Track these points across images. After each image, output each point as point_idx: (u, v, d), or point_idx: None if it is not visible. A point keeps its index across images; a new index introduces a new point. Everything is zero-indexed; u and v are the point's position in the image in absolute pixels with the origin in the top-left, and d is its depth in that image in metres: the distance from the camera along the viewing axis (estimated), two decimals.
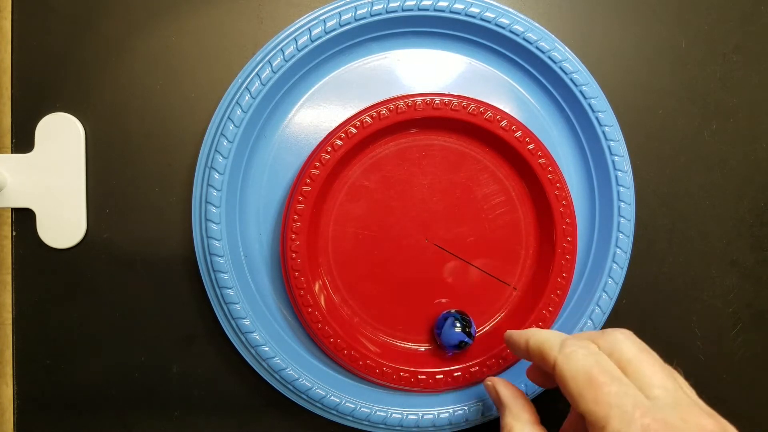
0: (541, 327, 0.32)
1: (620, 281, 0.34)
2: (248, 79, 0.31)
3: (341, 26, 0.31)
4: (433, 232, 0.32)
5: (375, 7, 0.31)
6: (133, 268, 0.34)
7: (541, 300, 0.32)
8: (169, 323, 0.34)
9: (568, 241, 0.32)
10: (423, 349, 0.33)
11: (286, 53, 0.31)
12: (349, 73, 0.33)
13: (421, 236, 0.32)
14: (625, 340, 0.23)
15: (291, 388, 0.32)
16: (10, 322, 0.34)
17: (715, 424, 0.20)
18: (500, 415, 0.27)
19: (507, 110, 0.33)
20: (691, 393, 0.23)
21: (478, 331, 0.33)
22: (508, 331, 0.29)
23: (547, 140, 0.33)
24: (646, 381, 0.22)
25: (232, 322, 0.32)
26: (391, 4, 0.31)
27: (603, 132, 0.33)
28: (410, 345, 0.33)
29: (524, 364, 0.33)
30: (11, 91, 0.34)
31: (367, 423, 0.33)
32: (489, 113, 0.31)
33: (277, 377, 0.32)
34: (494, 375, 0.32)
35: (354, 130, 0.30)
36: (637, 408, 0.20)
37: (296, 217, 0.30)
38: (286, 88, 0.32)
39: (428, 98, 0.30)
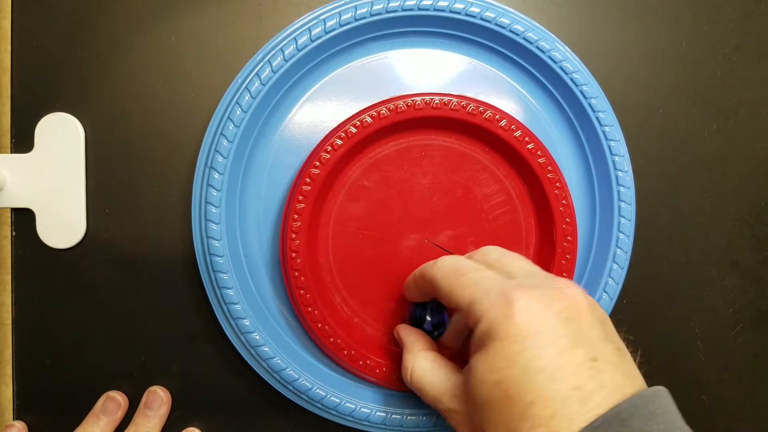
0: None
1: (621, 281, 0.34)
2: (248, 79, 0.31)
3: (341, 26, 0.31)
4: (433, 232, 0.32)
5: (375, 7, 0.31)
6: (133, 268, 0.34)
7: None
8: (168, 323, 0.34)
9: (568, 241, 0.32)
10: None
11: (286, 53, 0.31)
12: (349, 72, 0.33)
13: (421, 236, 0.32)
14: (493, 249, 0.27)
15: (291, 388, 0.32)
16: (9, 322, 0.34)
17: (573, 286, 0.23)
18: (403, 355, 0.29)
19: (507, 110, 0.33)
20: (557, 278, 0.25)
21: None
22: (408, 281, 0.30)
23: (547, 140, 0.33)
24: (508, 269, 0.25)
25: (232, 322, 0.32)
26: (391, 4, 0.31)
27: (603, 132, 0.33)
28: None
29: None
30: (11, 91, 0.34)
31: (367, 423, 0.33)
32: (488, 113, 0.31)
33: (277, 377, 0.32)
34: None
35: (354, 130, 0.30)
36: (495, 283, 0.23)
37: (296, 216, 0.30)
38: (286, 87, 0.32)
39: (428, 98, 0.30)
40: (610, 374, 0.20)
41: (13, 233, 0.34)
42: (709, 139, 0.36)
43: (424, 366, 0.27)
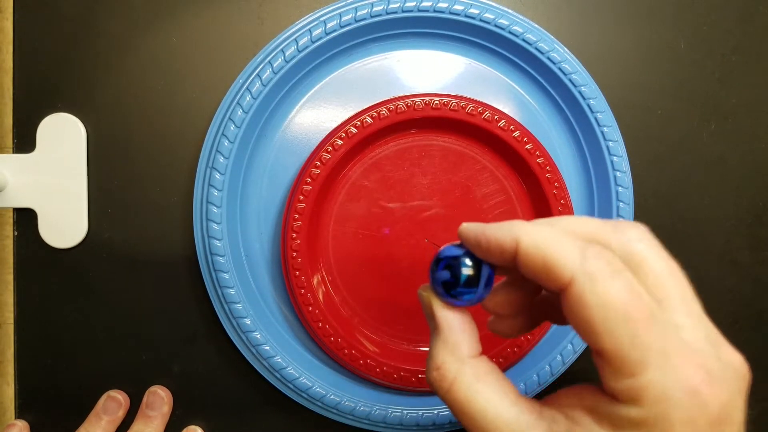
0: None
1: None
2: (249, 80, 0.31)
3: (342, 27, 0.31)
4: (433, 232, 0.33)
5: (375, 9, 0.31)
6: (135, 267, 0.34)
7: None
8: (170, 322, 0.34)
9: None
10: (423, 348, 0.33)
11: (287, 54, 0.31)
12: (349, 73, 0.33)
13: (421, 236, 0.32)
14: (647, 248, 0.18)
15: (291, 386, 0.33)
16: (11, 321, 0.34)
17: (741, 357, 0.18)
18: (431, 338, 0.21)
19: (506, 111, 0.33)
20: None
21: (480, 332, 0.33)
22: (471, 224, 0.20)
23: (545, 140, 0.33)
24: (674, 303, 0.18)
25: (233, 321, 0.32)
26: (391, 6, 0.31)
27: (602, 132, 0.33)
28: (410, 344, 0.33)
29: (529, 363, 0.33)
30: (13, 91, 0.34)
31: (367, 422, 0.33)
32: (487, 113, 0.31)
33: (278, 376, 0.32)
34: (510, 365, 0.32)
35: (354, 130, 0.30)
36: (678, 353, 0.17)
37: (297, 216, 0.30)
38: (287, 88, 0.32)
39: (427, 98, 0.31)
40: None
41: (15, 233, 0.34)
42: (707, 139, 0.36)
43: (477, 387, 0.19)
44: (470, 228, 0.20)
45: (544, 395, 0.34)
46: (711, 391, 0.17)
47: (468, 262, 0.20)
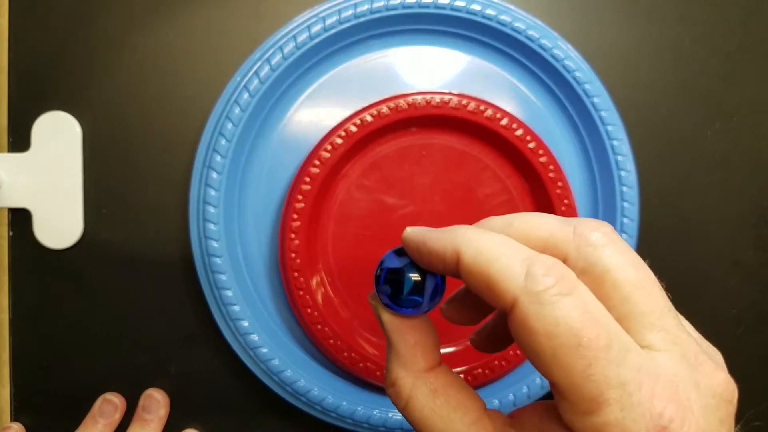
0: None
1: None
2: (246, 78, 0.31)
3: (341, 24, 0.31)
4: None
5: (375, 5, 0.31)
6: (131, 268, 0.34)
7: None
8: (166, 324, 0.34)
9: None
10: None
11: (285, 51, 0.31)
12: (348, 71, 0.33)
13: None
14: (611, 255, 0.16)
15: (290, 390, 0.32)
16: (7, 323, 0.34)
17: (726, 377, 0.16)
18: (387, 350, 0.19)
19: (508, 109, 0.33)
20: (685, 323, 0.18)
21: (462, 341, 0.33)
22: (414, 230, 0.18)
23: (549, 139, 0.33)
24: (643, 320, 0.16)
25: (231, 323, 0.32)
26: (391, 2, 0.31)
27: (606, 131, 0.33)
28: None
29: (521, 374, 0.33)
30: (8, 89, 0.34)
31: (366, 425, 0.33)
32: (489, 111, 0.31)
33: (276, 379, 0.32)
34: (497, 378, 0.32)
35: (354, 129, 0.30)
36: (643, 385, 0.14)
37: (295, 216, 0.30)
38: (285, 86, 0.32)
39: (428, 96, 0.30)
40: None
41: (10, 233, 0.34)
42: (711, 138, 0.36)
43: (434, 404, 0.17)
44: (413, 235, 0.18)
45: (548, 398, 0.34)
46: (684, 427, 0.14)
47: (412, 270, 0.18)
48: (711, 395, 0.15)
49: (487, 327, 0.21)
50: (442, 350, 0.33)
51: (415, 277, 0.18)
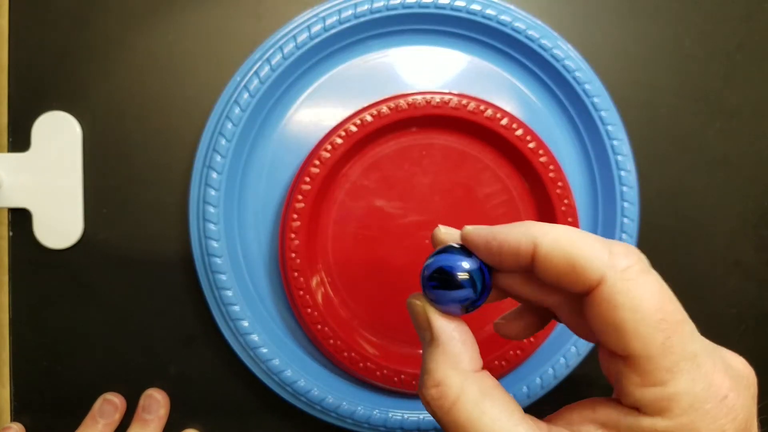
0: None
1: None
2: (246, 78, 0.31)
3: (341, 24, 0.31)
4: None
5: (375, 5, 0.31)
6: (131, 268, 0.34)
7: None
8: (166, 324, 0.34)
9: None
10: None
11: (285, 51, 0.31)
12: (348, 70, 0.33)
13: (422, 237, 0.32)
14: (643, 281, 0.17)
15: (290, 390, 0.32)
16: (7, 323, 0.34)
17: (745, 362, 0.18)
18: (426, 351, 0.19)
19: (508, 108, 0.33)
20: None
21: (481, 332, 0.33)
22: (478, 227, 0.19)
23: (549, 139, 0.33)
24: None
25: (231, 323, 0.32)
26: (391, 2, 0.31)
27: (606, 131, 0.33)
28: (410, 347, 0.33)
29: (532, 366, 0.33)
30: (8, 89, 0.34)
31: (366, 425, 0.33)
32: (489, 111, 0.31)
33: (276, 379, 0.32)
34: (498, 378, 0.32)
35: (354, 129, 0.30)
36: (706, 360, 0.16)
37: (295, 216, 0.30)
38: (285, 86, 0.32)
39: (428, 96, 0.30)
40: None
41: (10, 233, 0.34)
42: (712, 138, 0.36)
43: (483, 405, 0.17)
44: (479, 231, 0.18)
45: (547, 399, 0.34)
46: (737, 400, 0.16)
47: (466, 266, 0.18)
48: (741, 376, 0.17)
49: (515, 313, 0.21)
50: None
51: (467, 275, 0.18)
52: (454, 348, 0.18)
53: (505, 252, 0.17)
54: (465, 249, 0.19)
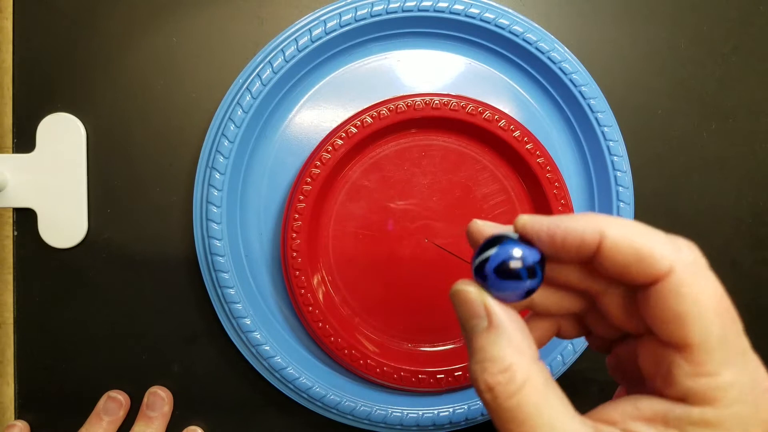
0: None
1: None
2: (249, 80, 0.31)
3: (342, 27, 0.31)
4: (433, 232, 0.33)
5: (375, 8, 0.31)
6: (134, 267, 0.34)
7: None
8: (170, 323, 0.34)
9: None
10: (424, 348, 0.33)
11: (287, 54, 0.31)
12: (349, 73, 0.33)
13: (421, 236, 0.32)
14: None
15: (292, 387, 0.32)
16: (11, 321, 0.34)
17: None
18: (484, 338, 0.18)
19: (506, 110, 0.33)
20: None
21: None
22: (538, 216, 0.19)
23: (546, 140, 0.33)
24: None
25: (233, 321, 0.32)
26: (391, 5, 0.31)
27: (602, 132, 0.33)
28: (410, 344, 0.33)
29: None
30: (13, 91, 0.34)
31: (367, 422, 0.33)
32: (487, 113, 0.31)
33: (278, 376, 0.32)
34: None
35: (354, 130, 0.30)
36: (752, 355, 0.17)
37: (297, 216, 0.30)
38: (287, 88, 0.32)
39: (428, 98, 0.31)
40: None
41: (15, 233, 0.34)
42: (707, 139, 0.36)
43: (548, 393, 0.17)
44: (540, 221, 0.18)
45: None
46: None
47: (533, 258, 0.18)
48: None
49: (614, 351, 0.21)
50: (443, 347, 0.33)
51: (533, 267, 0.18)
52: (518, 335, 0.17)
53: (570, 241, 0.17)
54: (522, 239, 0.19)
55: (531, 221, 0.18)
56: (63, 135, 0.33)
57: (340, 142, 0.30)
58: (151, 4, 0.34)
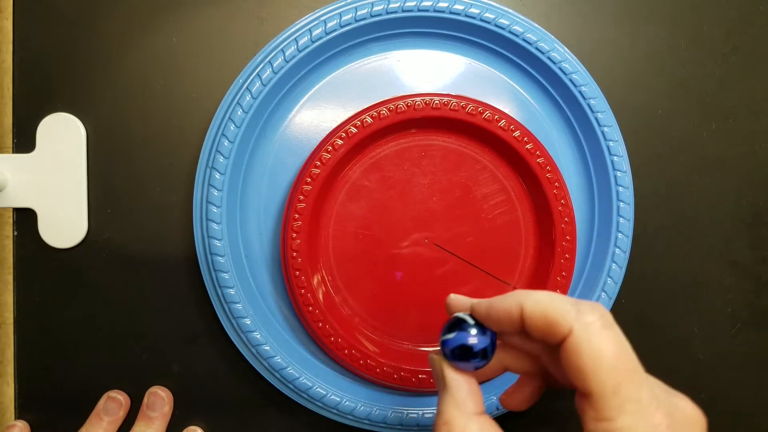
0: None
1: (619, 281, 0.34)
2: (249, 80, 0.31)
3: (342, 27, 0.31)
4: (433, 232, 0.33)
5: (375, 8, 0.31)
6: (134, 267, 0.34)
7: None
8: (169, 323, 0.34)
9: (567, 240, 0.32)
10: (423, 348, 0.33)
11: (287, 54, 0.31)
12: (349, 73, 0.33)
13: (421, 236, 0.33)
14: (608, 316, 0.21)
15: (291, 387, 0.33)
16: (11, 321, 0.34)
17: (693, 406, 0.21)
18: (440, 396, 0.23)
19: (506, 110, 0.33)
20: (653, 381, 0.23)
21: None
22: (479, 300, 0.23)
23: (546, 140, 0.33)
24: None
25: (233, 321, 0.32)
26: (391, 5, 0.31)
27: (602, 132, 0.33)
28: (410, 344, 0.33)
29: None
30: (13, 91, 0.34)
31: (367, 422, 0.33)
32: (487, 113, 0.31)
33: (278, 376, 0.32)
34: (492, 380, 0.32)
35: (354, 130, 0.30)
36: (649, 403, 0.19)
37: (297, 216, 0.30)
38: (287, 88, 0.32)
39: (428, 98, 0.31)
40: None
41: (15, 233, 0.34)
42: (707, 139, 0.36)
43: None
44: (480, 304, 0.23)
45: (541, 401, 0.34)
46: None
47: (483, 344, 0.22)
48: (687, 418, 0.20)
49: (515, 387, 0.26)
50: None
51: (483, 350, 0.22)
52: (461, 394, 0.22)
53: (502, 315, 0.21)
54: (475, 320, 0.23)
55: (474, 304, 0.23)
56: (63, 135, 0.34)
57: (340, 142, 0.30)
58: (151, 4, 0.34)
